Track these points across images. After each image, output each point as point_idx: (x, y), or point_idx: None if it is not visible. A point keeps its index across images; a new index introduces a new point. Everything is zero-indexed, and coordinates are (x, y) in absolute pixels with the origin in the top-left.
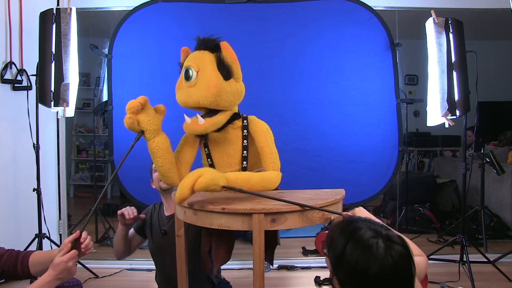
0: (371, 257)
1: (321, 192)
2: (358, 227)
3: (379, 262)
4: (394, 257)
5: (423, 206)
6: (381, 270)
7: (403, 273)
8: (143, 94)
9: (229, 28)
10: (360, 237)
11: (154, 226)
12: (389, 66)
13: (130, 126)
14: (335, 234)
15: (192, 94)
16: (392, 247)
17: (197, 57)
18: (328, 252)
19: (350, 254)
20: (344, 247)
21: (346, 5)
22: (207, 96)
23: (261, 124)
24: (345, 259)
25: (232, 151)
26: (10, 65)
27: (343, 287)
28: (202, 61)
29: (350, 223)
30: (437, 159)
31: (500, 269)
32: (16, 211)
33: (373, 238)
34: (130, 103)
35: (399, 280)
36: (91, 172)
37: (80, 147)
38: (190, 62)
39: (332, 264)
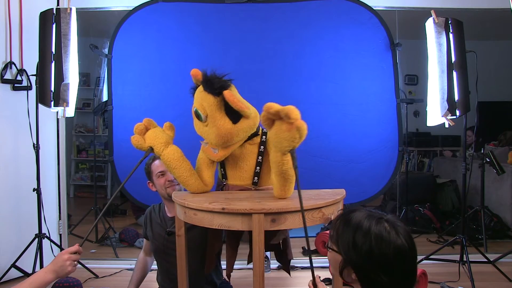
0: (384, 241)
1: (321, 192)
2: (360, 217)
3: (393, 244)
4: (404, 236)
5: (423, 206)
6: (397, 251)
7: (414, 249)
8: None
9: (229, 28)
10: (367, 225)
11: (156, 227)
12: (389, 66)
13: (137, 145)
14: (340, 228)
15: (207, 135)
16: (397, 228)
17: (204, 100)
18: (336, 246)
19: (362, 244)
20: (354, 238)
21: (346, 5)
22: (218, 142)
23: None
24: (358, 249)
25: (246, 166)
26: (10, 65)
27: (360, 274)
28: (209, 106)
29: (350, 214)
30: (437, 159)
31: (500, 269)
32: (16, 211)
33: (378, 224)
34: (136, 126)
35: (412, 257)
36: (91, 172)
37: (80, 147)
38: (197, 104)
39: (345, 256)
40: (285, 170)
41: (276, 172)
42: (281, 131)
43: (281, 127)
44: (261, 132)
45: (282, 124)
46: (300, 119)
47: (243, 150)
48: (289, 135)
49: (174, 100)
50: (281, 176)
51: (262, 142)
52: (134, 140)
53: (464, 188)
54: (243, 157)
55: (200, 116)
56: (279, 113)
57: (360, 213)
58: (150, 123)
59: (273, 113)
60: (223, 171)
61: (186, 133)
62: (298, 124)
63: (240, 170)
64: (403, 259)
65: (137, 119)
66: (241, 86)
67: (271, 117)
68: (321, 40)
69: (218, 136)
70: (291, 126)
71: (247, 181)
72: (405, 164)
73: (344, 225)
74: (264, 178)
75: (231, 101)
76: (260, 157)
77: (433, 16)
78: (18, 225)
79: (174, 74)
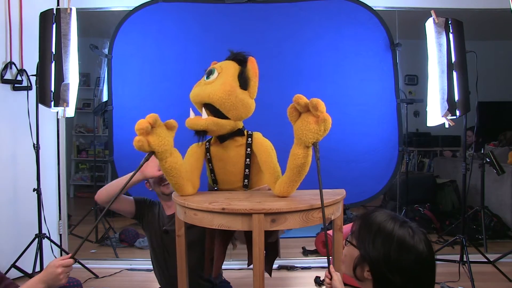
0: (406, 245)
1: None
2: (384, 217)
3: (414, 250)
4: (426, 244)
5: (423, 206)
6: (417, 257)
7: (433, 258)
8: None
9: (229, 28)
10: (391, 227)
11: (154, 223)
12: (389, 66)
13: (140, 148)
14: (362, 225)
15: (206, 88)
16: (420, 235)
17: (224, 63)
18: (356, 242)
19: (384, 244)
20: (376, 237)
21: (346, 5)
22: (219, 91)
23: (266, 143)
24: (379, 249)
25: (234, 170)
26: (10, 65)
27: (375, 273)
28: (227, 67)
29: (374, 213)
30: (437, 159)
31: (500, 269)
32: (16, 211)
33: (402, 227)
34: (138, 123)
35: (431, 265)
36: (91, 172)
37: (80, 147)
38: (216, 65)
39: (364, 254)
40: (302, 163)
41: (292, 165)
42: (308, 123)
43: (308, 119)
44: (247, 133)
45: (308, 116)
46: (325, 112)
47: (230, 153)
48: (315, 127)
49: (174, 100)
50: (297, 169)
51: (248, 144)
52: (138, 143)
53: (464, 188)
54: (230, 160)
55: (211, 72)
56: (307, 105)
57: (384, 214)
58: (154, 121)
59: (303, 104)
60: (213, 176)
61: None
62: (325, 117)
63: (229, 175)
64: (423, 266)
65: (137, 119)
66: None
67: (299, 108)
68: (321, 40)
69: (223, 85)
70: (318, 118)
71: (237, 184)
72: (405, 164)
73: (367, 222)
74: (253, 179)
75: (253, 64)
76: (248, 159)
77: (433, 16)
78: (18, 225)
79: (174, 74)
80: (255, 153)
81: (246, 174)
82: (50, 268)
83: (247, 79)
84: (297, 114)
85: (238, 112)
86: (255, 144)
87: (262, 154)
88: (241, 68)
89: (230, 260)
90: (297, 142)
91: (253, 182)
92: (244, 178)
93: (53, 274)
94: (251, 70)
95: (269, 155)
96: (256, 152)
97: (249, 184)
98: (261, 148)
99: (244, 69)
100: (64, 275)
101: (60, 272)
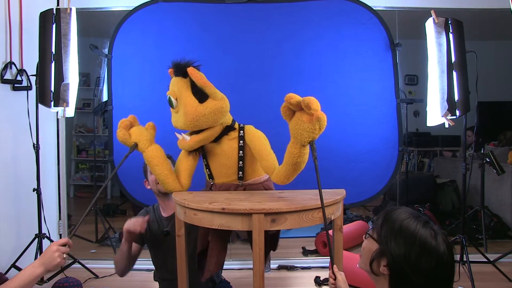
0: (428, 245)
1: None
2: (408, 214)
3: (435, 250)
4: (447, 245)
5: (423, 206)
6: (438, 260)
7: (453, 260)
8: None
9: (229, 28)
10: (414, 225)
11: (153, 228)
12: (389, 66)
13: (122, 139)
14: (386, 220)
15: (177, 120)
16: (442, 236)
17: (174, 84)
18: (378, 236)
19: (406, 241)
20: (399, 233)
21: (346, 5)
22: (186, 123)
23: (258, 133)
24: (401, 245)
25: (228, 163)
26: (10, 65)
27: (394, 268)
28: (179, 89)
29: (398, 210)
30: (437, 159)
31: (500, 269)
32: (16, 211)
33: (425, 227)
34: (120, 121)
35: (451, 267)
36: (91, 172)
37: (80, 147)
38: (169, 90)
39: (383, 249)
40: (299, 162)
41: (288, 161)
42: (301, 122)
43: (301, 118)
44: (238, 126)
45: (302, 115)
46: (320, 110)
47: (223, 146)
48: (309, 126)
49: None
50: (292, 166)
51: (241, 137)
52: (120, 134)
53: (464, 188)
54: (224, 154)
55: (171, 102)
56: (300, 104)
57: (407, 211)
58: (134, 120)
59: (294, 103)
60: (208, 172)
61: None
62: (319, 115)
63: (224, 168)
64: (442, 267)
65: (137, 119)
66: (241, 86)
67: (292, 107)
68: (321, 40)
69: (185, 115)
70: (312, 117)
71: (232, 177)
72: (405, 164)
73: (390, 219)
74: (248, 171)
75: (193, 75)
76: (241, 151)
77: (433, 16)
78: (18, 225)
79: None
80: (248, 144)
81: (240, 166)
82: (46, 250)
83: (201, 90)
84: (291, 113)
85: (215, 120)
86: (247, 135)
87: (256, 144)
88: (190, 81)
89: (230, 260)
90: (293, 140)
91: (248, 173)
92: (238, 170)
93: (49, 253)
94: (198, 81)
95: (262, 143)
96: (249, 143)
97: (244, 176)
98: (254, 138)
99: (192, 81)
100: (60, 254)
101: (55, 250)
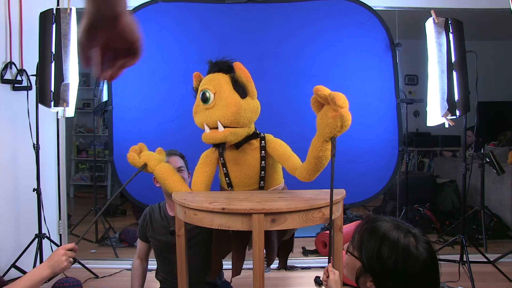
0: (411, 256)
1: (321, 192)
2: (388, 227)
3: (420, 261)
4: (429, 251)
5: (423, 206)
6: (422, 268)
7: (437, 265)
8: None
9: (229, 28)
10: (395, 237)
11: (158, 227)
12: (389, 66)
13: (132, 161)
14: (365, 235)
15: (212, 114)
16: (423, 243)
17: (213, 80)
18: (358, 253)
19: (388, 257)
20: (380, 249)
21: (346, 5)
22: (227, 115)
23: (278, 140)
24: (383, 261)
25: (251, 173)
26: (10, 65)
27: (379, 284)
28: (218, 83)
29: (377, 222)
30: (437, 159)
31: (500, 269)
32: (16, 211)
33: (406, 237)
34: (131, 148)
35: (436, 272)
36: (91, 172)
37: (80, 147)
38: (206, 85)
39: (366, 265)
40: (320, 156)
41: (311, 155)
42: (326, 117)
43: (327, 113)
44: (260, 136)
45: (329, 110)
46: (346, 108)
47: (246, 157)
48: (332, 122)
49: (173, 100)
50: (314, 160)
51: (262, 147)
52: (130, 156)
53: (464, 188)
54: (246, 164)
55: (208, 97)
56: (327, 97)
57: (388, 223)
58: (144, 146)
59: (322, 96)
60: (228, 180)
61: (185, 133)
62: (343, 113)
63: (245, 177)
64: (426, 274)
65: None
66: None
67: (320, 100)
68: (321, 40)
69: (227, 107)
70: (336, 113)
71: (253, 187)
72: (405, 164)
73: (370, 233)
74: (269, 181)
75: (242, 69)
76: (263, 162)
77: (433, 16)
78: (18, 225)
79: (174, 75)
80: (270, 154)
81: (262, 176)
82: (54, 254)
83: (243, 86)
84: (319, 105)
85: (250, 119)
86: (269, 145)
87: (278, 149)
88: (231, 76)
89: (230, 260)
90: (317, 134)
91: (268, 183)
92: (260, 180)
93: (56, 257)
94: (243, 76)
95: (284, 148)
96: (270, 152)
97: (264, 185)
98: (276, 145)
99: (234, 76)
100: (67, 258)
101: (63, 254)
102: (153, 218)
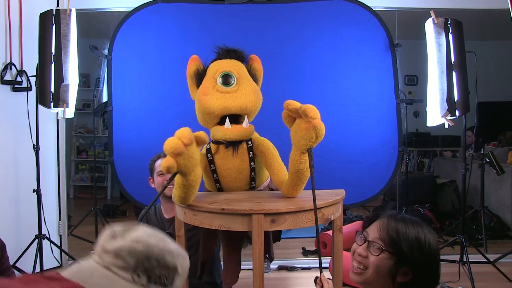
0: (434, 244)
1: (321, 193)
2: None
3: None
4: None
5: (423, 207)
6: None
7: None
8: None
9: (229, 28)
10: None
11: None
12: (389, 67)
13: (168, 170)
14: (400, 230)
15: (236, 98)
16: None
17: (234, 65)
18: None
19: (425, 242)
20: (417, 238)
21: (346, 6)
22: (254, 100)
23: (266, 143)
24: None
25: (242, 176)
26: (10, 66)
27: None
28: (240, 69)
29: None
30: (437, 159)
31: (500, 269)
32: (16, 212)
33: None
34: (171, 144)
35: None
36: (91, 173)
37: (80, 148)
38: (228, 68)
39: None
40: (301, 169)
41: (291, 170)
42: (300, 130)
43: (300, 126)
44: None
45: (301, 122)
46: (318, 118)
47: (236, 161)
48: (306, 134)
49: (174, 101)
50: (295, 174)
51: (249, 148)
52: (166, 164)
53: (464, 188)
54: (237, 168)
55: (231, 79)
56: (298, 111)
57: (407, 215)
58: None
59: (293, 110)
60: (218, 186)
61: None
62: (316, 124)
63: (237, 181)
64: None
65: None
66: None
67: (291, 114)
68: (321, 40)
69: (253, 93)
70: (309, 125)
71: (245, 188)
72: (405, 165)
73: (402, 224)
74: (258, 180)
75: (258, 62)
76: (253, 163)
77: (433, 16)
78: (18, 226)
79: (173, 75)
80: (257, 155)
81: (253, 177)
82: None
83: (256, 77)
84: (291, 119)
85: (256, 112)
86: (256, 146)
87: (267, 157)
88: (247, 67)
89: None
90: (294, 147)
91: (258, 182)
92: (250, 181)
93: None
94: (259, 70)
95: (274, 156)
96: (258, 154)
97: (255, 185)
98: (264, 150)
99: (250, 68)
100: None
101: None
102: (149, 220)
